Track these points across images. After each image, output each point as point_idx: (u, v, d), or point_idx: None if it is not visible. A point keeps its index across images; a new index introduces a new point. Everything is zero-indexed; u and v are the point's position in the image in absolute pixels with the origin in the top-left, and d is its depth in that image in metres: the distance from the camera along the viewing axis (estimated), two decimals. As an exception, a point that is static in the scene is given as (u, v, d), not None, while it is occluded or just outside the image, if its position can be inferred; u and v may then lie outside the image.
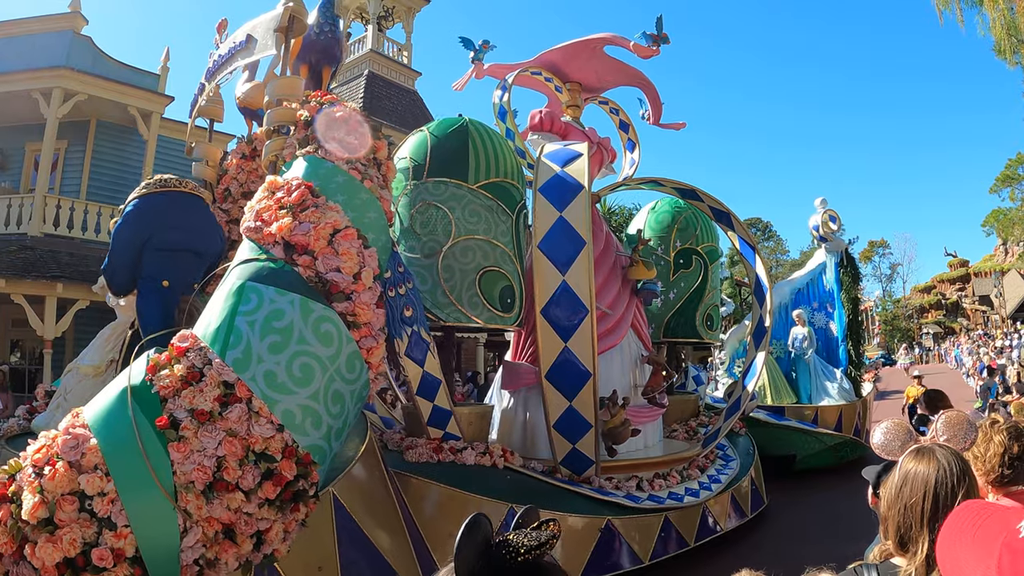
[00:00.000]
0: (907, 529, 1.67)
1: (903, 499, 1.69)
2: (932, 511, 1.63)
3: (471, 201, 6.10)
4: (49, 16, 14.43)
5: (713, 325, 9.39)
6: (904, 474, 1.73)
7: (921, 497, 1.66)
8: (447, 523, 5.22)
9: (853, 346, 11.64)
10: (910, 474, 1.72)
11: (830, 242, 12.24)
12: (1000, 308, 44.94)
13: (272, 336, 3.42)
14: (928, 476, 1.68)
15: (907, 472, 1.73)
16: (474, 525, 0.97)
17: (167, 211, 4.72)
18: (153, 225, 4.66)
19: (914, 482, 1.69)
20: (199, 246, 4.90)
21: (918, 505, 1.65)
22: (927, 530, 1.61)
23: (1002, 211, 42.96)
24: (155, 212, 4.69)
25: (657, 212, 9.59)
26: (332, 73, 5.86)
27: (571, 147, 6.39)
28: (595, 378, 5.56)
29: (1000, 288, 44.66)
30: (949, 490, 1.65)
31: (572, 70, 8.66)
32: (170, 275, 4.72)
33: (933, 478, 1.67)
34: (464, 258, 5.97)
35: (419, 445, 5.67)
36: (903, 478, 1.73)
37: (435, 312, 5.90)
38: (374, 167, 4.49)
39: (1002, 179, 42.71)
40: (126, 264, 4.69)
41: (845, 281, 11.69)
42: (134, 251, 4.67)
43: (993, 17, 17.43)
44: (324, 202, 3.91)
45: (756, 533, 7.94)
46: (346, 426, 3.66)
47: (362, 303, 3.61)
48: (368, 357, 3.64)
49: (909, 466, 1.74)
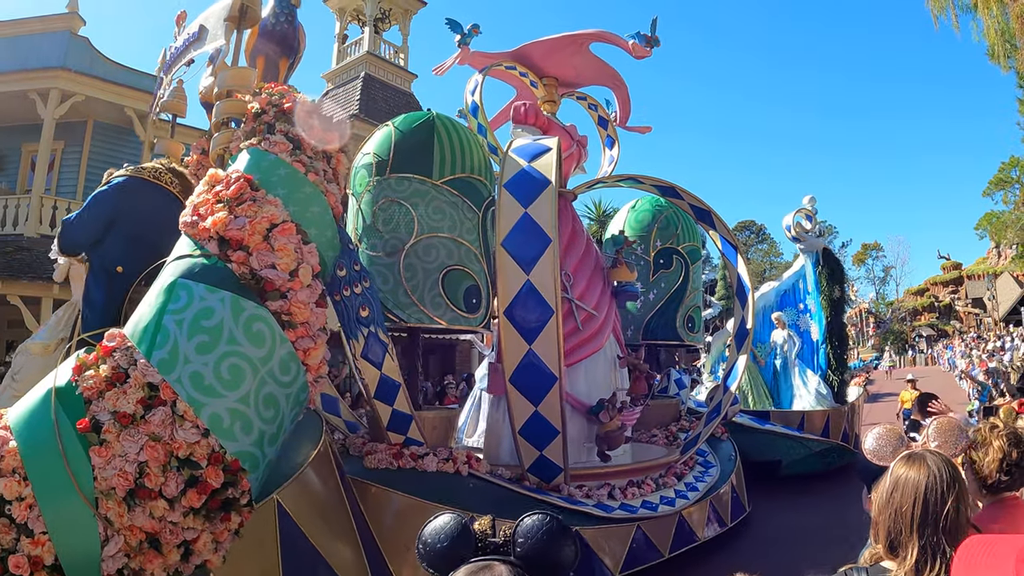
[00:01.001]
0: (897, 534, 1.70)
1: (893, 504, 1.73)
2: (922, 517, 1.67)
3: (435, 197, 6.00)
4: (46, 17, 14.57)
5: (694, 327, 9.30)
6: (895, 480, 1.77)
7: (911, 503, 1.69)
8: (405, 532, 5.11)
9: (834, 349, 11.48)
10: (901, 480, 1.76)
11: (804, 242, 12.08)
12: (993, 311, 45.49)
13: (200, 336, 3.31)
14: (919, 482, 1.72)
15: (898, 478, 1.77)
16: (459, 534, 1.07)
17: (147, 202, 4.73)
18: (128, 210, 4.69)
19: (904, 488, 1.73)
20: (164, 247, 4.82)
21: (908, 511, 1.69)
22: (916, 535, 1.66)
23: (995, 214, 43.62)
24: (136, 198, 4.72)
25: (637, 211, 9.51)
26: (290, 65, 5.75)
27: (540, 141, 6.30)
28: (561, 382, 5.45)
29: (993, 291, 45.19)
30: (939, 496, 1.69)
31: (551, 64, 8.57)
32: (126, 263, 4.71)
33: (923, 484, 1.71)
34: (427, 256, 5.86)
35: (379, 451, 5.55)
36: (894, 484, 1.77)
37: (396, 313, 5.79)
38: (323, 160, 4.38)
39: (995, 182, 43.28)
40: (87, 230, 4.72)
41: (822, 282, 11.55)
42: (101, 224, 4.71)
43: (987, 22, 17.60)
44: (263, 196, 3.80)
45: (737, 540, 7.85)
46: (282, 431, 3.54)
47: (298, 302, 3.50)
48: (306, 359, 3.52)
49: (900, 472, 1.78)
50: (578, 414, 7.53)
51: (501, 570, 1.03)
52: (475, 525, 1.12)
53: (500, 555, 1.06)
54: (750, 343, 8.50)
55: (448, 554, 1.08)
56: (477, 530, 1.11)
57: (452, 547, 1.08)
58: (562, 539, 1.06)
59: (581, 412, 7.58)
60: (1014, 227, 39.28)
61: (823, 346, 11.38)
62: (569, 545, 1.06)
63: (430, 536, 1.09)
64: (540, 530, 1.07)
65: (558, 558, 1.05)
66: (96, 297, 4.66)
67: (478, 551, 1.08)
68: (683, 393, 9.89)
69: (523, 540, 1.06)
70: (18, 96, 13.59)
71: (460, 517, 1.12)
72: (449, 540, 1.08)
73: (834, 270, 11.82)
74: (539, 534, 1.06)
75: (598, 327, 7.96)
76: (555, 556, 1.05)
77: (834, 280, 11.70)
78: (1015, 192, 41.32)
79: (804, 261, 12.15)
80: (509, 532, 1.09)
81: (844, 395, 11.59)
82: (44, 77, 13.43)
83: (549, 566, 1.05)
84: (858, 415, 11.96)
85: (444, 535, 1.08)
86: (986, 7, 17.38)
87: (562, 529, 1.07)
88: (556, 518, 1.09)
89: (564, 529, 1.07)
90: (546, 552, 1.05)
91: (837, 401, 11.27)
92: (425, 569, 1.09)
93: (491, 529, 1.11)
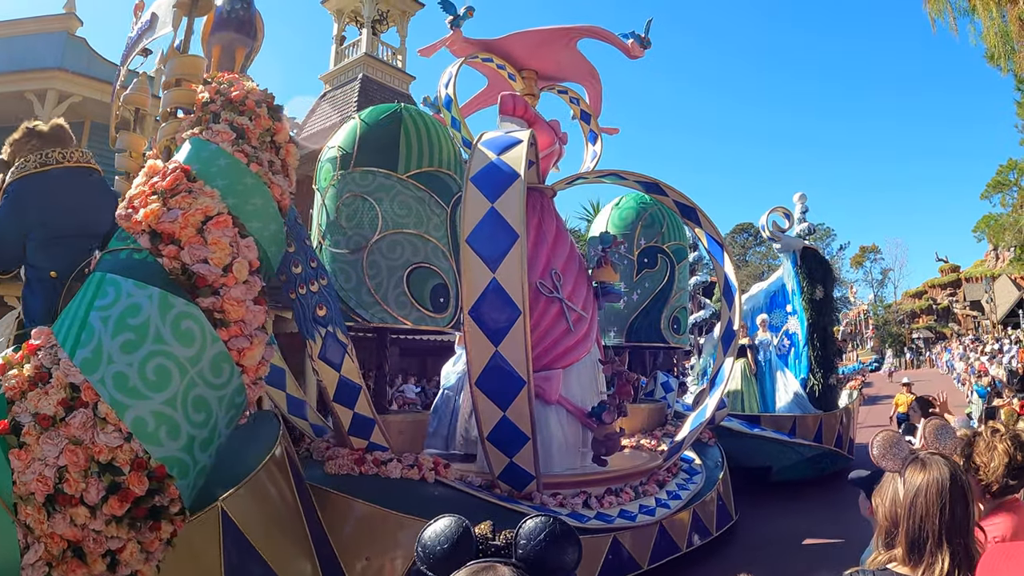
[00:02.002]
0: (923, 541, 1.72)
1: (917, 511, 1.75)
2: (950, 523, 1.71)
3: (400, 192, 5.89)
4: (43, 17, 14.55)
5: (680, 329, 9.18)
6: (915, 487, 1.79)
7: (938, 510, 1.72)
8: (365, 541, 4.98)
9: (815, 352, 11.19)
10: (921, 486, 1.78)
11: (780, 242, 11.84)
12: (991, 313, 46.02)
13: (126, 334, 3.20)
14: (942, 488, 1.75)
15: (917, 485, 1.79)
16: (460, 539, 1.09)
17: (48, 196, 4.37)
18: (32, 216, 4.30)
19: (928, 494, 1.75)
20: (93, 227, 4.52)
21: (935, 517, 1.72)
22: (946, 542, 1.69)
23: (993, 217, 44.17)
24: (34, 199, 4.33)
25: (621, 208, 9.40)
26: (247, 54, 5.62)
27: (513, 134, 6.18)
28: (530, 386, 5.31)
29: (991, 293, 45.65)
30: (960, 497, 1.74)
31: (537, 56, 8.47)
32: (58, 264, 4.37)
33: (948, 490, 1.75)
34: (391, 254, 5.75)
35: (340, 456, 5.43)
36: (915, 491, 1.78)
37: (359, 312, 5.68)
38: (271, 151, 4.27)
39: (993, 185, 43.74)
40: (6, 248, 4.32)
41: (802, 282, 11.31)
42: (15, 240, 4.34)
43: (986, 25, 17.69)
44: (200, 187, 3.69)
45: (724, 548, 7.73)
46: (216, 436, 3.42)
47: (232, 299, 3.38)
48: (240, 359, 3.41)
49: (917, 478, 1.80)
50: (574, 418, 7.41)
51: (503, 572, 1.04)
52: (476, 528, 1.13)
53: (502, 558, 1.08)
54: (737, 345, 8.39)
55: (448, 557, 1.09)
56: (478, 533, 1.12)
57: (452, 550, 1.09)
58: (564, 542, 1.08)
59: (578, 416, 7.47)
60: (1012, 230, 39.48)
61: (805, 349, 11.20)
62: (571, 548, 1.08)
63: (430, 539, 1.11)
64: (542, 533, 1.08)
65: (560, 561, 1.07)
66: (33, 306, 4.39)
67: (479, 554, 1.10)
68: (670, 397, 9.76)
69: (525, 543, 1.08)
70: (15, 97, 13.60)
71: (460, 520, 1.13)
72: (449, 543, 1.10)
73: (814, 270, 11.52)
74: (541, 536, 1.08)
75: (587, 329, 7.86)
76: (557, 559, 1.07)
77: (815, 280, 11.41)
78: (1013, 195, 41.65)
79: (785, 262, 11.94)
80: (511, 535, 1.10)
81: (831, 399, 11.29)
82: (41, 78, 13.44)
83: (551, 569, 1.07)
84: (853, 419, 11.84)
85: (444, 538, 1.10)
86: (985, 9, 17.46)
87: (565, 532, 1.09)
88: (559, 521, 1.10)
89: (567, 532, 1.09)
90: (548, 555, 1.07)
91: (818, 406, 10.96)
92: (424, 573, 1.10)
93: (492, 532, 1.13)
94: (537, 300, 7.09)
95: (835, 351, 11.80)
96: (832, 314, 11.83)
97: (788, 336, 11.52)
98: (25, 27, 14.27)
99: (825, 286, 11.42)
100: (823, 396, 11.15)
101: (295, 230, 5.16)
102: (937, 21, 18.27)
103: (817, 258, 11.70)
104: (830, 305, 11.59)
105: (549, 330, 7.24)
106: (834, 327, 12.25)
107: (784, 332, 11.60)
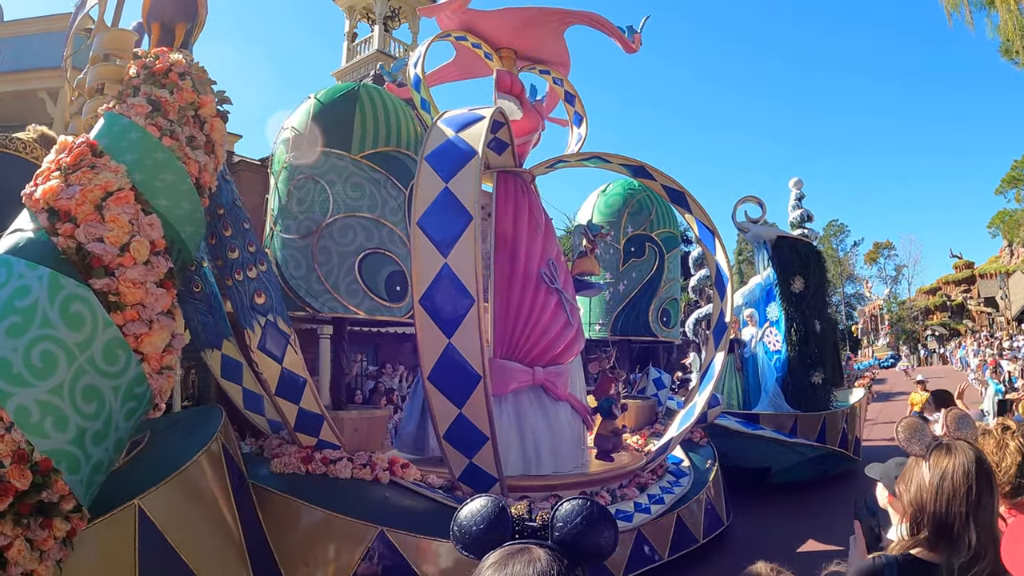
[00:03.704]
0: (952, 522, 1.78)
1: (944, 493, 1.80)
2: (977, 502, 1.77)
3: (354, 174, 5.76)
4: (57, 15, 14.82)
5: (669, 322, 9.00)
6: (941, 470, 1.84)
7: (965, 491, 1.78)
8: (306, 546, 4.85)
9: (793, 349, 10.77)
10: (948, 469, 1.83)
11: (749, 232, 11.38)
12: (1005, 310, 46.46)
13: (12, 317, 3.08)
14: (968, 470, 1.81)
15: (944, 468, 1.84)
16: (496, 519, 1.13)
17: None
18: None
19: (954, 476, 1.81)
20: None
21: (961, 498, 1.78)
22: (974, 522, 1.75)
23: (1008, 212, 44.61)
24: None
25: (608, 195, 9.23)
26: (189, 30, 5.51)
27: (475, 111, 6.02)
28: (486, 381, 5.14)
29: (1006, 290, 45.96)
30: (986, 480, 1.81)
31: (520, 35, 8.32)
32: None
33: (973, 472, 1.80)
34: (343, 239, 5.63)
35: (287, 454, 5.31)
36: (941, 474, 1.84)
37: (309, 301, 5.56)
38: (194, 126, 4.15)
39: (1008, 180, 43.98)
40: None
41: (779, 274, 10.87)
42: None
43: (1004, 17, 17.71)
44: (106, 162, 3.57)
45: (713, 555, 7.55)
46: (111, 429, 3.29)
47: (128, 280, 3.26)
48: (138, 346, 3.28)
49: (943, 462, 1.85)
50: (577, 414, 7.26)
51: (539, 554, 1.07)
52: (512, 509, 1.16)
53: (537, 539, 1.11)
54: (728, 338, 8.20)
55: (484, 538, 1.12)
56: (514, 514, 1.15)
57: (488, 530, 1.12)
58: (600, 525, 1.11)
59: (581, 412, 7.33)
60: (1026, 225, 39.76)
61: (783, 346, 10.87)
62: (608, 531, 1.11)
63: (466, 519, 1.14)
64: (579, 515, 1.11)
65: (596, 544, 1.10)
66: None
67: (515, 535, 1.13)
68: (661, 394, 9.58)
69: (561, 525, 1.11)
70: (28, 95, 13.96)
71: (497, 499, 1.16)
72: (486, 523, 1.13)
73: (789, 260, 10.98)
74: (577, 519, 1.11)
75: (579, 322, 7.73)
76: (593, 542, 1.10)
77: (791, 272, 10.90)
78: (1027, 190, 41.91)
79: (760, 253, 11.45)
80: (547, 516, 1.14)
81: (812, 399, 10.73)
82: (54, 76, 13.51)
83: (586, 552, 1.10)
84: (859, 419, 11.57)
85: (480, 518, 1.13)
86: (1003, 2, 17.45)
87: (601, 515, 1.12)
88: (596, 503, 1.13)
89: (603, 515, 1.13)
90: (584, 538, 1.10)
91: (796, 406, 10.60)
92: (460, 552, 1.14)
93: (528, 513, 1.16)
94: (539, 291, 6.95)
95: (828, 348, 11.21)
96: (819, 309, 11.15)
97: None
98: (38, 25, 14.73)
99: (807, 278, 10.91)
100: (800, 396, 10.74)
101: (233, 213, 5.05)
102: (953, 15, 18.41)
103: (794, 248, 11.15)
104: (816, 299, 11.03)
105: (552, 323, 7.07)
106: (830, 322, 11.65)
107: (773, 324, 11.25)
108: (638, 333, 8.81)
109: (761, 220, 11.14)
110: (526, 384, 6.64)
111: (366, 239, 5.67)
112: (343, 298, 5.53)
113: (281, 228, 5.83)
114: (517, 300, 6.83)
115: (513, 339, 6.81)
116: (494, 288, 6.77)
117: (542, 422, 6.79)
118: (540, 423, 6.74)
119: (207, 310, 5.53)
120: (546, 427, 6.81)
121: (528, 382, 6.64)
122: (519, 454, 6.61)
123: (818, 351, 10.79)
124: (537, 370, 6.77)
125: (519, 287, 6.87)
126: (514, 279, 6.82)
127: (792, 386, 10.76)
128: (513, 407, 6.67)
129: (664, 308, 8.90)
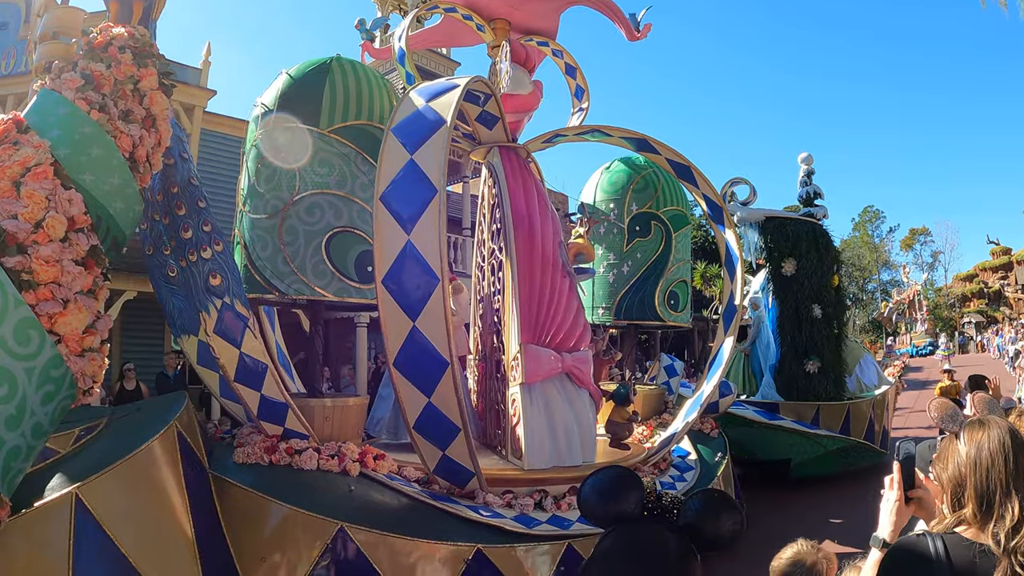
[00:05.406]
0: (992, 493, 1.83)
1: (982, 466, 1.87)
2: (1015, 469, 1.84)
3: (322, 148, 5.67)
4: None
5: (678, 305, 8.77)
6: (977, 443, 1.91)
7: (1004, 460, 1.85)
8: (264, 541, 4.79)
9: (784, 336, 10.46)
10: (982, 441, 1.90)
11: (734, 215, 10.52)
12: None
13: (-82, 298, 3.05)
14: (1003, 440, 1.88)
15: (979, 440, 1.91)
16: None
17: None
18: None
19: (991, 447, 1.87)
20: None
21: (1000, 466, 1.84)
22: (1015, 491, 1.81)
23: None
24: None
25: (611, 171, 9.03)
26: (146, 6, 5.46)
27: (452, 80, 5.89)
28: (454, 368, 5.02)
29: None
30: (1021, 448, 1.87)
31: (517, 8, 8.14)
32: None
33: (1008, 441, 1.87)
34: (310, 217, 5.55)
35: (251, 443, 5.26)
36: (977, 446, 1.90)
37: (274, 283, 5.50)
38: (133, 99, 4.10)
39: None
40: None
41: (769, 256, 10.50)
42: None
43: None
44: (29, 138, 3.53)
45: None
46: (26, 413, 3.26)
47: (42, 258, 3.21)
48: (52, 326, 3.24)
49: (978, 435, 1.92)
50: (592, 402, 7.15)
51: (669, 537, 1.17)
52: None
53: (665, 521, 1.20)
54: (738, 323, 8.00)
55: (614, 509, 1.23)
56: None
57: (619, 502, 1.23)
58: (724, 512, 1.21)
59: (596, 399, 7.22)
60: (1065, 210, 38.81)
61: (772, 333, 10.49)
62: (732, 519, 1.22)
63: (598, 486, 1.26)
64: (704, 502, 1.20)
65: (718, 530, 1.21)
66: None
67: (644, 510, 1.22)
68: (672, 382, 9.39)
69: (686, 510, 1.20)
70: None
71: (631, 473, 1.24)
72: (621, 493, 1.22)
73: (778, 242, 10.59)
74: (700, 506, 1.20)
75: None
76: (716, 528, 1.20)
77: (780, 254, 10.52)
78: (1065, 175, 41.13)
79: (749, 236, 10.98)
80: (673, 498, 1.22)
81: (804, 388, 10.35)
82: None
83: (709, 538, 1.21)
84: (888, 410, 11.24)
85: (616, 487, 1.23)
86: None
87: (725, 502, 1.23)
88: (720, 491, 1.23)
89: (726, 501, 1.24)
90: (707, 523, 1.20)
91: (785, 395, 10.32)
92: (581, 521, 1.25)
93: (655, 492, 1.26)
94: (557, 274, 6.82)
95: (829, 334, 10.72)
96: (817, 292, 10.61)
97: None
98: (50, 25, 14.87)
99: (798, 259, 10.50)
100: (790, 384, 10.45)
101: (188, 191, 5.01)
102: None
103: (783, 229, 10.73)
104: (812, 282, 10.55)
105: (570, 307, 6.95)
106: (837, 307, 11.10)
107: None
108: (644, 317, 8.59)
109: (750, 201, 10.75)
110: (556, 371, 6.52)
111: (334, 217, 5.59)
112: (310, 279, 5.46)
113: (249, 208, 5.78)
114: (539, 283, 6.71)
115: (540, 324, 6.68)
116: (517, 271, 6.62)
117: (570, 412, 6.68)
118: (568, 413, 6.63)
119: (183, 295, 5.50)
120: (573, 417, 6.70)
121: (559, 369, 6.53)
122: (552, 448, 6.47)
123: (813, 338, 10.44)
124: (565, 356, 6.66)
125: (540, 270, 6.74)
126: (534, 261, 6.69)
127: (781, 373, 10.50)
128: (541, 396, 6.55)
129: (672, 290, 8.67)
